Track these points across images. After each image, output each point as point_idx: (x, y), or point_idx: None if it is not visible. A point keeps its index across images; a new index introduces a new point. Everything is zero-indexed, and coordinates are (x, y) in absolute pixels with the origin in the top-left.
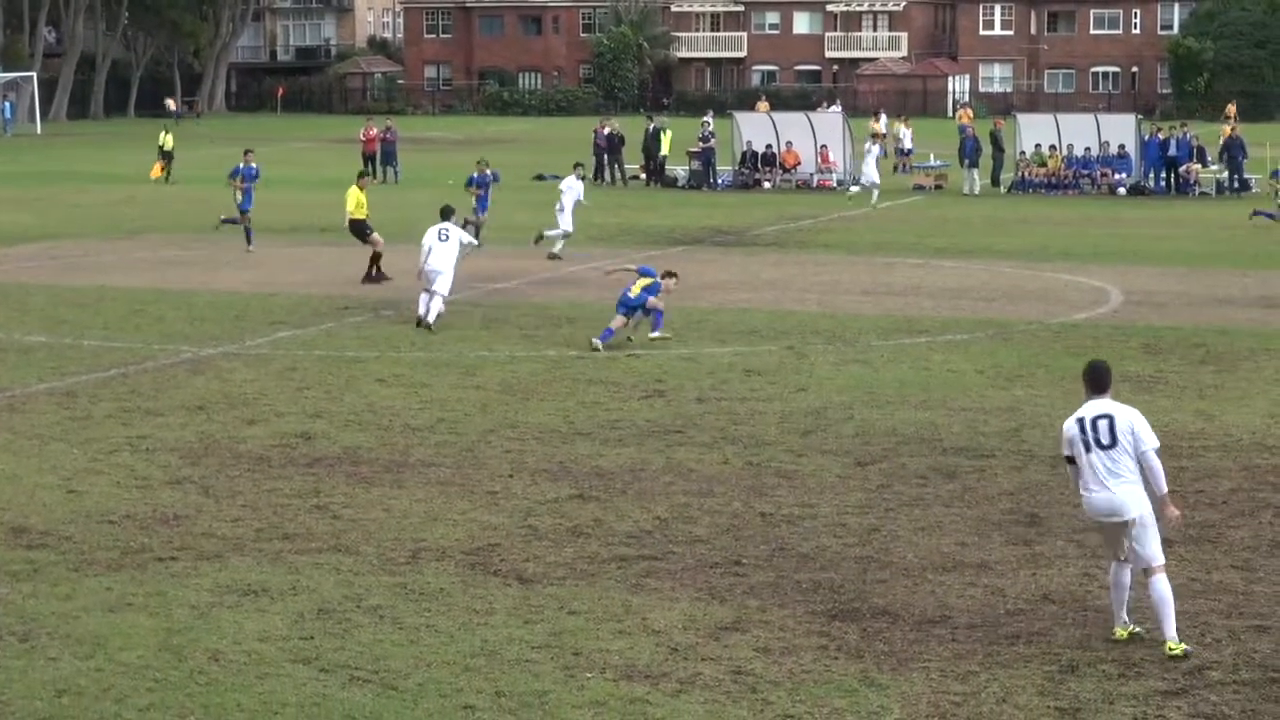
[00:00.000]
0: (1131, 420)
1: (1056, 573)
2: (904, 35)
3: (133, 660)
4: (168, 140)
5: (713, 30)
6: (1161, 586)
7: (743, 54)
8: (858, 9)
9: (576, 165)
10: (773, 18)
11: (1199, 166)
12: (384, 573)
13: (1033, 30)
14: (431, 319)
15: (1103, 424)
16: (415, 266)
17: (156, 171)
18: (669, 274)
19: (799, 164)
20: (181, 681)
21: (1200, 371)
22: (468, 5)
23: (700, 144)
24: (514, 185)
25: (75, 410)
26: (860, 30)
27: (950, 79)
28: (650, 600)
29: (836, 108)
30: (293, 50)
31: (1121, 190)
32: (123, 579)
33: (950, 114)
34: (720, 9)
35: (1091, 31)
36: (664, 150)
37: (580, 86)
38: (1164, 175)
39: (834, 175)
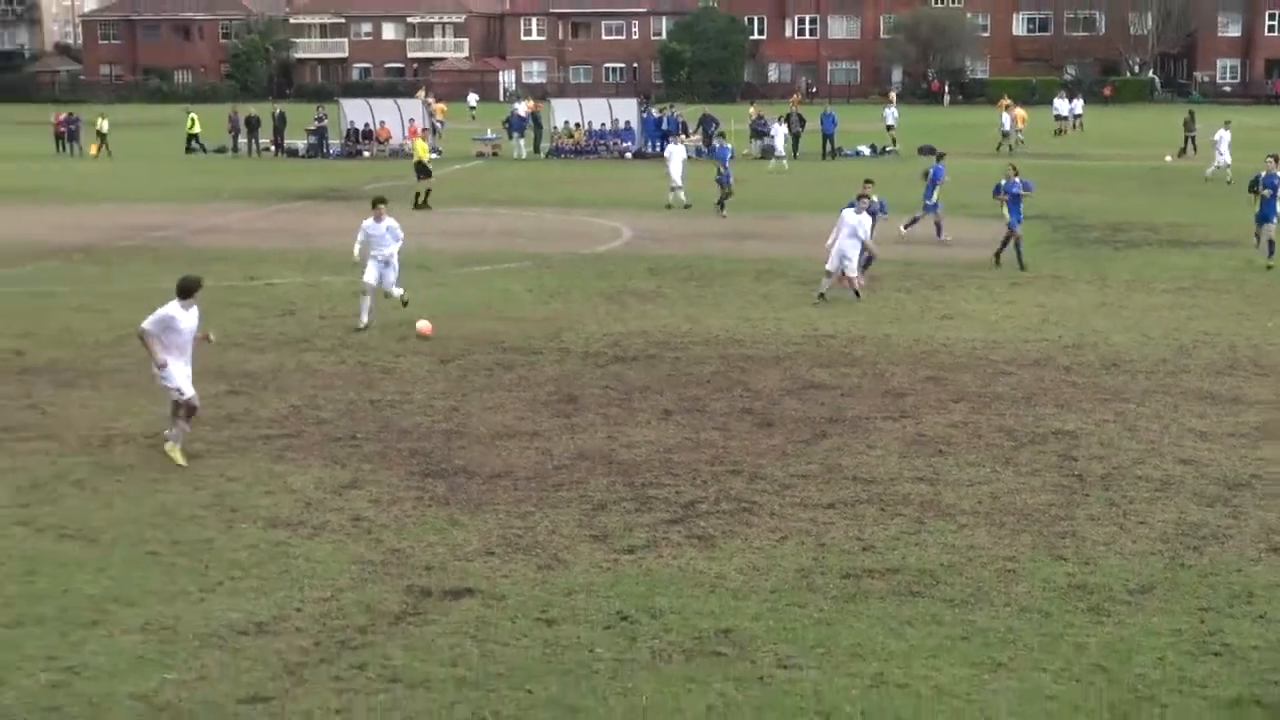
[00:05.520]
0: None
1: (589, 437)
2: (466, 40)
3: None
4: (104, 124)
5: (322, 37)
6: None
7: (345, 55)
8: (431, 20)
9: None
10: (367, 27)
11: (683, 136)
12: (84, 454)
13: (561, 36)
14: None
15: None
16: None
17: (94, 150)
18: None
19: (390, 138)
20: None
21: (688, 287)
22: (132, 19)
23: (316, 124)
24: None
25: None
26: (434, 36)
27: (501, 73)
28: (289, 468)
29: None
30: None
31: (628, 155)
32: None
33: (502, 99)
34: (328, 21)
35: (604, 37)
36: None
37: (222, 80)
38: (658, 143)
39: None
